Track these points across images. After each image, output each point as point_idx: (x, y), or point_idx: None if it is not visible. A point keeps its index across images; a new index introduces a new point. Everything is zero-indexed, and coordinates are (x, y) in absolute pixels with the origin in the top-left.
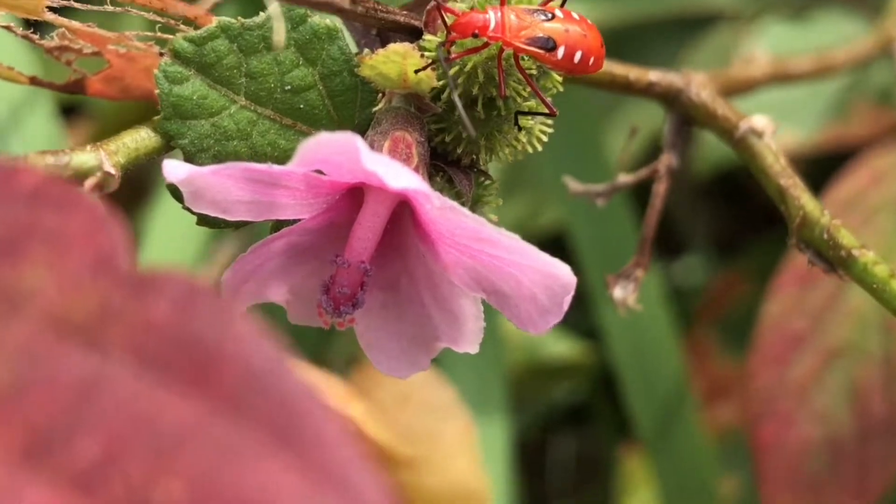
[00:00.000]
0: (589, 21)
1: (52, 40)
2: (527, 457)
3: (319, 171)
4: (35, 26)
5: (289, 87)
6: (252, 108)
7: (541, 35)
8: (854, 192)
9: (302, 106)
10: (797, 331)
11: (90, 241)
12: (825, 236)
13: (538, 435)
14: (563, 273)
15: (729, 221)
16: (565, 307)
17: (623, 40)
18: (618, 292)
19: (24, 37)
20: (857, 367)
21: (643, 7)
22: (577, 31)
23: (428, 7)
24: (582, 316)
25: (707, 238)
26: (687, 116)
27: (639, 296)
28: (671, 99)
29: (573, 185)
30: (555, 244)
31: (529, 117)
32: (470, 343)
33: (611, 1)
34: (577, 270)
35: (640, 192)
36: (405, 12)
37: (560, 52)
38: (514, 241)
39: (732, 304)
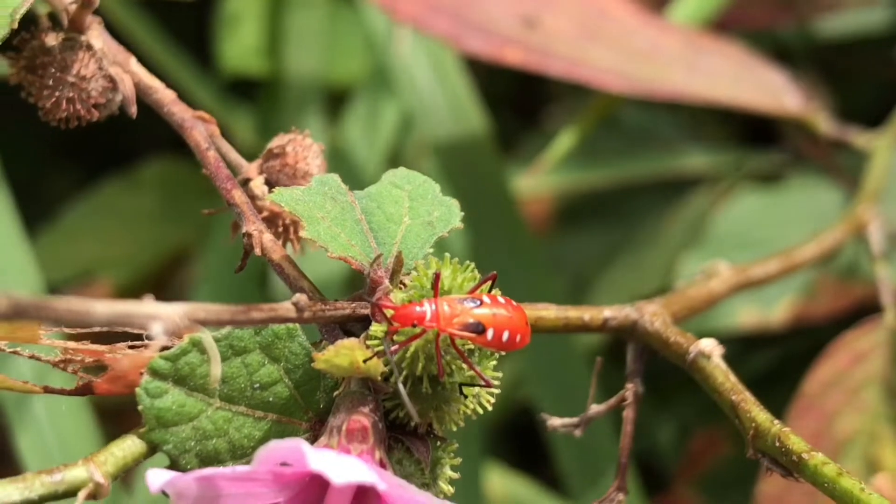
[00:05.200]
0: (514, 303)
1: (57, 356)
2: None
3: (285, 464)
4: None
5: (257, 384)
6: (227, 407)
7: (471, 321)
8: (836, 372)
9: (271, 399)
10: None
11: None
12: (777, 444)
13: None
14: None
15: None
16: None
17: (607, 202)
18: None
19: (31, 357)
20: None
21: (630, 170)
22: (503, 314)
23: (371, 301)
24: None
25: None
26: (644, 343)
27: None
28: (628, 330)
29: (551, 421)
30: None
31: (472, 387)
32: None
33: (600, 165)
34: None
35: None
36: (352, 304)
37: (489, 333)
38: None
39: (713, 463)
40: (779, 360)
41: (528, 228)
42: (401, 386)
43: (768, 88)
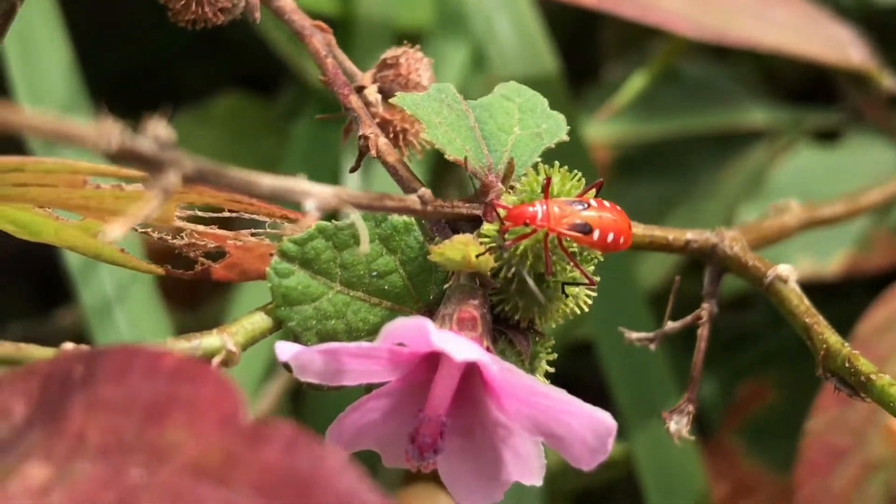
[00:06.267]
0: (618, 207)
1: (182, 240)
2: None
3: (401, 344)
4: None
5: (375, 272)
6: (346, 292)
7: (579, 222)
8: (890, 317)
9: (386, 287)
10: (839, 445)
11: (217, 405)
12: (847, 365)
13: None
14: (605, 419)
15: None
16: (610, 447)
17: (665, 154)
18: (672, 426)
19: (160, 239)
20: (895, 478)
21: (688, 123)
22: (609, 217)
23: (485, 201)
24: None
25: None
26: (722, 267)
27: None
28: (707, 253)
29: (628, 334)
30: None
31: (574, 287)
32: (535, 477)
33: (659, 117)
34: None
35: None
36: (466, 205)
37: (595, 234)
38: (561, 394)
39: (758, 412)
40: (833, 308)
41: (597, 172)
42: (528, 279)
43: (834, 41)
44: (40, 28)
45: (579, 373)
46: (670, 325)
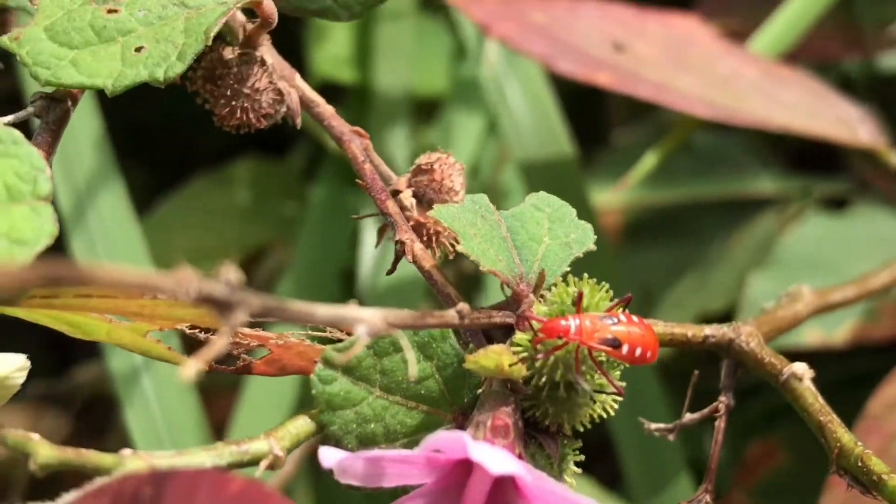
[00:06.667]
0: (646, 322)
1: (230, 341)
2: None
3: (438, 451)
4: None
5: (413, 379)
6: (385, 397)
7: (609, 336)
8: None
9: (423, 392)
10: None
11: None
12: (859, 464)
13: None
14: None
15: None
16: None
17: (675, 220)
18: None
19: (205, 339)
20: None
21: (694, 191)
22: (637, 332)
23: (518, 313)
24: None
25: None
26: (739, 362)
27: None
28: (724, 348)
29: (647, 424)
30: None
31: (601, 394)
32: None
33: (671, 183)
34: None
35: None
36: (500, 313)
37: (624, 348)
38: (589, 502)
39: (769, 472)
40: (840, 378)
41: (606, 243)
42: (560, 387)
43: (842, 120)
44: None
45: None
46: (688, 417)
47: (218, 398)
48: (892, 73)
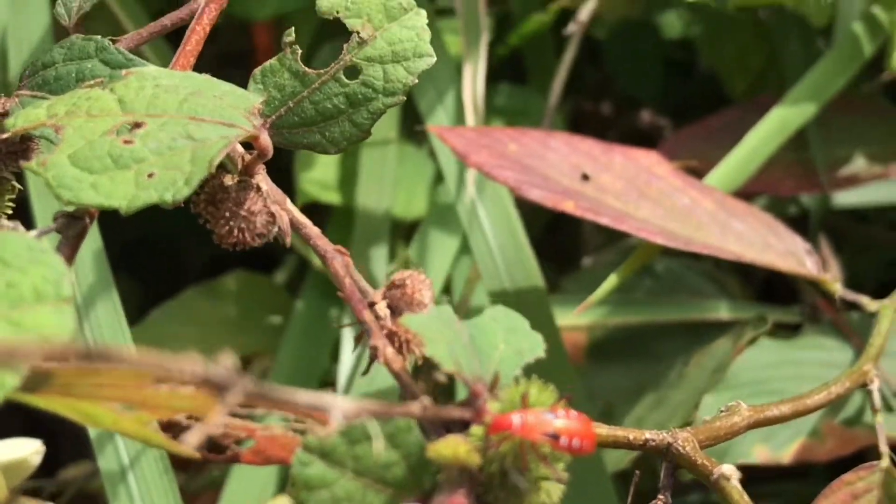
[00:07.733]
0: (584, 416)
1: (220, 430)
2: None
3: None
4: None
5: (381, 464)
6: (357, 479)
7: (550, 430)
8: None
9: (389, 477)
10: None
11: None
12: None
13: None
14: None
15: None
16: None
17: (636, 340)
18: None
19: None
20: None
21: (655, 314)
22: (575, 426)
23: (474, 407)
24: None
25: None
26: (676, 463)
27: None
28: (663, 451)
29: None
30: None
31: (545, 481)
32: None
33: (627, 307)
34: None
35: None
36: (458, 409)
37: (563, 440)
38: None
39: None
40: (791, 487)
41: (570, 362)
42: (508, 474)
43: (791, 251)
44: None
45: None
46: None
47: (197, 500)
48: (845, 208)
